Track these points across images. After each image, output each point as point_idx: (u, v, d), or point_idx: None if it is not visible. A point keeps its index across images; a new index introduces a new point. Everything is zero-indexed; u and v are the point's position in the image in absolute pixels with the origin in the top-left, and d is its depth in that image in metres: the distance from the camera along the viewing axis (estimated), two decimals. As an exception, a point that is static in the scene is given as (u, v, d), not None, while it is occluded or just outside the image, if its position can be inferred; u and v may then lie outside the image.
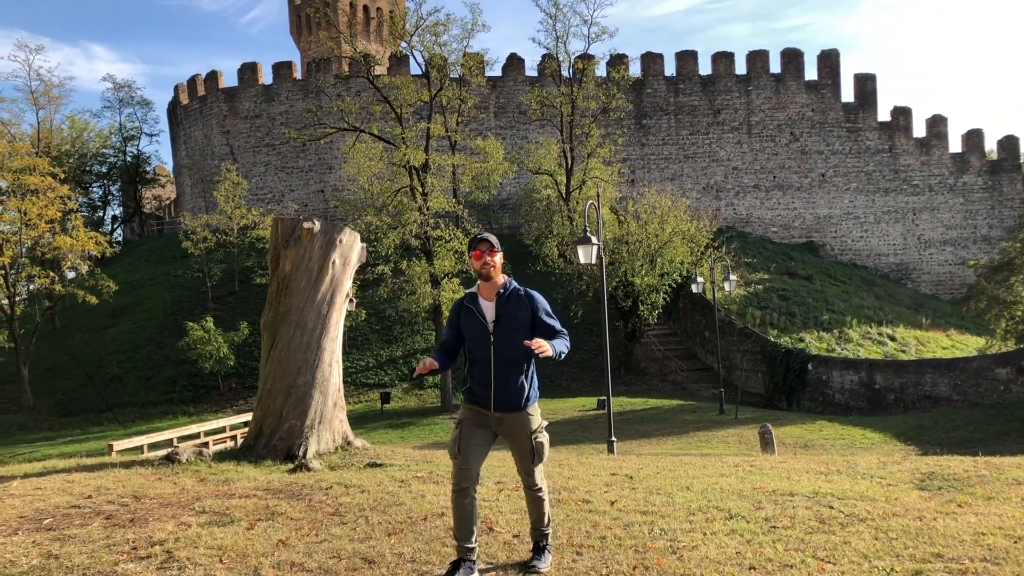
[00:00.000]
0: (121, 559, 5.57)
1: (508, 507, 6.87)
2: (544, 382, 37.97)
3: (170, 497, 7.86)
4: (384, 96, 36.99)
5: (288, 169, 56.82)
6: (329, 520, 6.54)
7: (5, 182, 44.21)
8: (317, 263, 10.54)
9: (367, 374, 39.44)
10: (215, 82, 58.79)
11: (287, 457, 10.12)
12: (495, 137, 47.00)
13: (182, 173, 63.52)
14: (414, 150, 34.82)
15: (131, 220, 70.74)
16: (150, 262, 56.06)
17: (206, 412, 36.18)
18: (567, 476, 8.72)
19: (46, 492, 8.44)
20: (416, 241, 35.34)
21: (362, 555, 5.45)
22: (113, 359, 43.35)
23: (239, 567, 5.30)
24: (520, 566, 5.20)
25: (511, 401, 4.90)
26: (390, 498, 7.31)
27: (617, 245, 38.14)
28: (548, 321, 4.99)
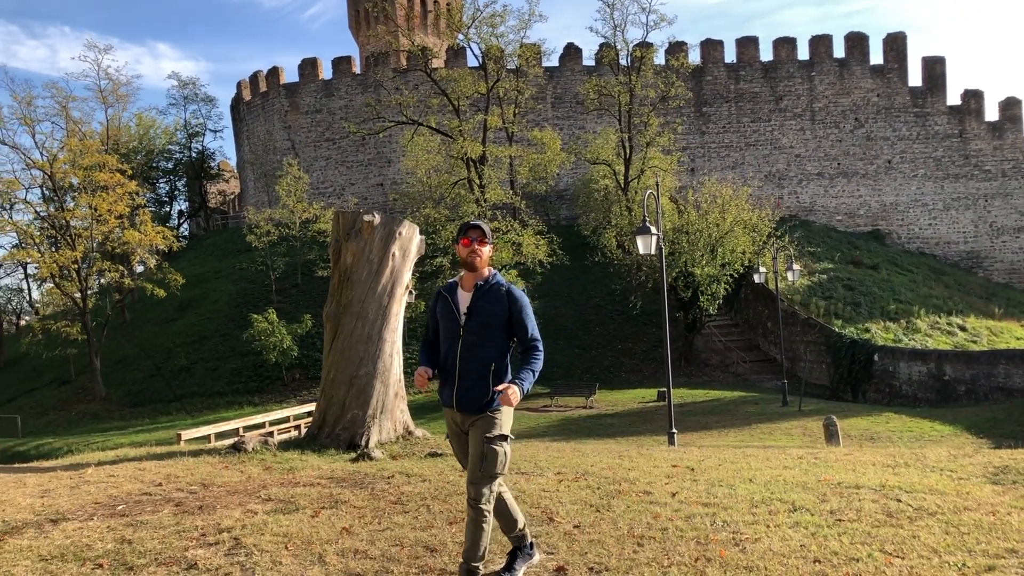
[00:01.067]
0: (190, 545, 5.72)
1: (568, 498, 6.86)
2: (604, 373, 37.94)
3: (237, 485, 8.04)
4: (441, 89, 37.19)
5: (348, 163, 57.48)
6: (391, 509, 6.61)
7: (77, 179, 45.62)
8: (377, 255, 10.65)
9: (426, 365, 39.69)
10: (276, 78, 59.73)
11: (350, 446, 10.27)
12: (552, 128, 46.91)
13: (245, 168, 64.77)
14: (471, 142, 34.96)
15: (197, 215, 72.39)
16: (215, 256, 57.30)
17: (271, 402, 36.89)
18: (627, 468, 8.67)
19: (119, 479, 8.70)
20: (474, 233, 35.46)
21: (424, 543, 5.50)
22: (181, 351, 44.48)
23: (304, 554, 5.39)
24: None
25: (473, 400, 4.51)
26: (451, 487, 7.36)
27: (677, 235, 37.74)
28: (525, 322, 4.61)
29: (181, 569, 5.17)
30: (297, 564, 5.17)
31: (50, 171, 45.16)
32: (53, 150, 46.91)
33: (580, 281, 45.90)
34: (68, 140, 46.87)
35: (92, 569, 5.25)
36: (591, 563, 5.02)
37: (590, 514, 6.26)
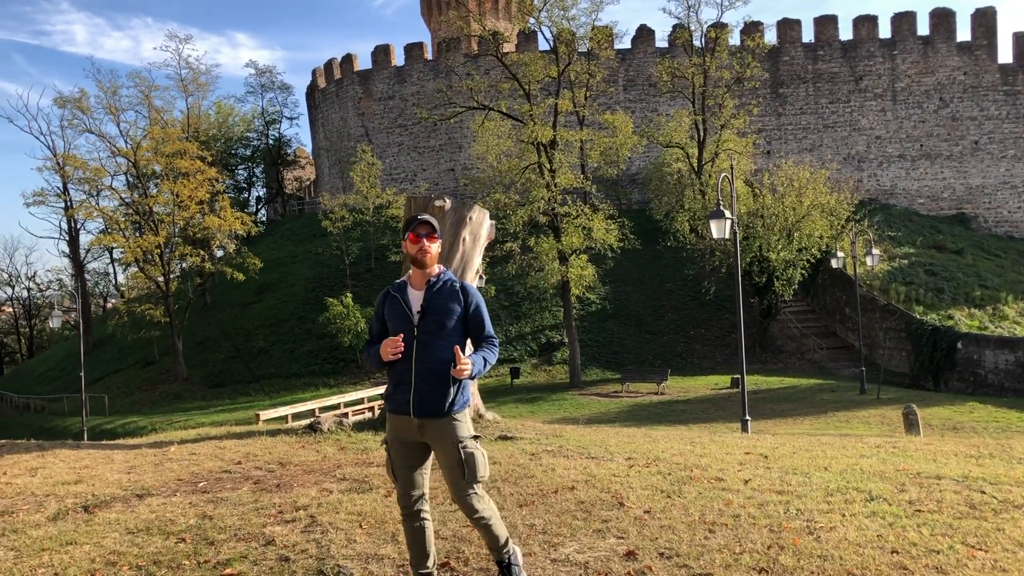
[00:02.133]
0: (268, 522, 5.88)
1: (639, 483, 6.83)
2: (676, 360, 37.59)
3: (313, 464, 8.23)
4: (512, 73, 37.10)
5: (420, 149, 57.95)
6: (462, 490, 6.67)
7: (159, 166, 47.05)
8: (448, 240, 10.72)
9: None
10: (350, 65, 60.47)
11: (421, 429, 10.38)
12: (624, 111, 46.41)
13: (320, 155, 65.86)
14: (542, 126, 34.83)
15: (274, 201, 73.94)
16: (292, 241, 58.52)
17: (345, 384, 37.60)
18: (699, 454, 8.59)
19: (200, 457, 9.00)
20: (544, 218, 35.43)
21: (494, 525, 5.54)
22: (259, 333, 45.63)
23: (377, 532, 5.49)
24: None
25: (433, 404, 4.18)
26: (521, 470, 7.40)
27: (752, 219, 37.09)
28: (481, 318, 4.34)
29: (259, 545, 5.32)
30: (371, 542, 5.27)
31: (134, 159, 46.69)
32: (137, 138, 48.46)
33: (652, 266, 45.51)
34: (151, 128, 48.38)
35: (175, 543, 5.44)
36: (661, 548, 5.00)
37: (661, 500, 6.23)
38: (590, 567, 4.69)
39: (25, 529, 5.91)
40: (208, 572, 4.82)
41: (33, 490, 7.39)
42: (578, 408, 29.30)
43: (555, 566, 4.71)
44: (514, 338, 40.68)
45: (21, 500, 6.97)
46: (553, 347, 39.62)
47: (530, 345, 40.18)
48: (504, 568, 4.40)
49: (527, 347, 40.04)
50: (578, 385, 34.17)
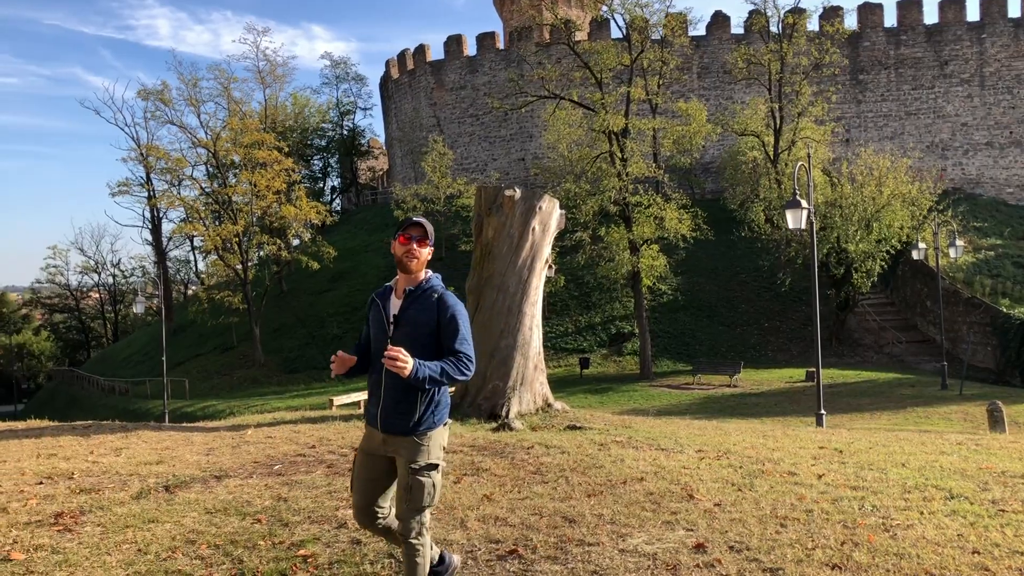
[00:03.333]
0: (341, 505, 6.00)
1: (709, 476, 6.75)
2: (749, 352, 37.00)
3: (384, 450, 8.35)
4: (584, 62, 36.88)
5: (491, 139, 58.10)
6: (531, 478, 6.71)
7: (238, 156, 48.20)
8: (518, 229, 10.75)
9: (566, 339, 39.93)
10: (423, 56, 60.92)
11: (491, 416, 10.48)
12: (698, 99, 45.78)
13: (393, 145, 66.59)
14: (614, 115, 34.55)
15: (348, 190, 75.10)
16: (365, 230, 59.38)
17: (416, 373, 38.00)
18: (771, 448, 8.45)
19: (276, 441, 9.23)
20: (615, 207, 35.16)
21: (562, 514, 5.55)
22: (333, 320, 46.47)
23: (447, 518, 5.55)
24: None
25: (398, 422, 3.92)
26: (589, 460, 7.39)
27: (829, 209, 36.19)
28: (453, 332, 3.93)
29: (332, 528, 5.43)
30: (440, 528, 5.33)
31: (213, 149, 47.94)
32: (216, 129, 49.75)
33: (726, 257, 44.83)
34: (230, 120, 49.57)
35: (251, 523, 5.59)
36: (731, 541, 4.93)
37: (731, 493, 6.15)
38: (658, 558, 4.66)
39: (110, 507, 6.15)
40: (283, 553, 4.94)
41: (118, 469, 7.68)
42: (648, 399, 29.09)
43: (623, 556, 4.69)
44: (583, 328, 40.56)
45: (107, 479, 7.25)
46: (623, 338, 39.38)
47: (600, 335, 40.02)
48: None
49: (597, 337, 39.89)
50: (649, 376, 33.91)
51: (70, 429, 11.40)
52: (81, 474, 7.49)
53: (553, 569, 4.54)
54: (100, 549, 5.09)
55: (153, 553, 5.00)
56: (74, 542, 5.26)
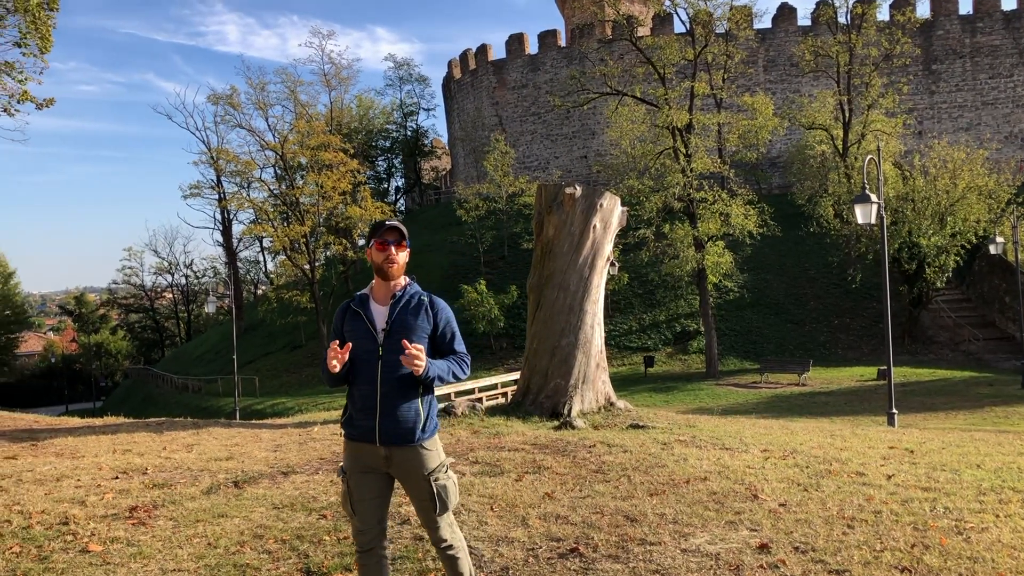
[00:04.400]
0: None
1: (774, 475, 6.64)
2: (818, 350, 36.26)
3: (447, 446, 8.42)
4: (647, 57, 36.56)
5: (553, 136, 58.03)
6: (592, 477, 6.68)
7: (305, 158, 49.07)
8: (579, 227, 10.72)
9: (630, 337, 39.67)
10: (485, 55, 61.16)
11: (552, 414, 10.47)
12: (764, 92, 44.97)
13: (455, 145, 66.99)
14: (677, 110, 34.18)
15: (412, 190, 75.82)
16: (429, 229, 59.89)
17: (479, 369, 38.21)
18: (839, 447, 8.27)
19: (341, 439, 9.36)
20: (679, 204, 34.79)
21: (624, 513, 5.53)
22: (397, 319, 46.92)
23: (508, 516, 5.57)
24: None
25: (400, 432, 3.74)
26: (652, 459, 7.34)
27: (901, 203, 35.24)
28: (450, 336, 3.91)
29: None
30: (502, 525, 5.35)
31: (281, 152, 48.86)
32: (283, 132, 50.69)
33: (793, 253, 44.02)
34: (296, 122, 50.48)
35: (317, 519, 5.70)
36: (797, 542, 4.84)
37: (797, 493, 6.04)
38: (721, 558, 4.60)
39: (182, 501, 6.33)
40: (347, 548, 5.01)
41: (189, 465, 7.90)
42: (714, 398, 28.74)
43: (685, 556, 4.64)
44: (648, 326, 40.25)
45: (179, 474, 7.47)
46: (688, 336, 38.96)
47: (664, 334, 39.66)
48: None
49: (661, 336, 39.54)
50: (714, 375, 33.49)
51: (144, 426, 11.77)
52: (154, 469, 7.73)
53: (614, 568, 4.52)
54: (172, 542, 5.25)
55: (222, 547, 5.13)
56: (148, 535, 5.43)
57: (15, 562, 5.08)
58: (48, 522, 5.93)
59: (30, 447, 9.64)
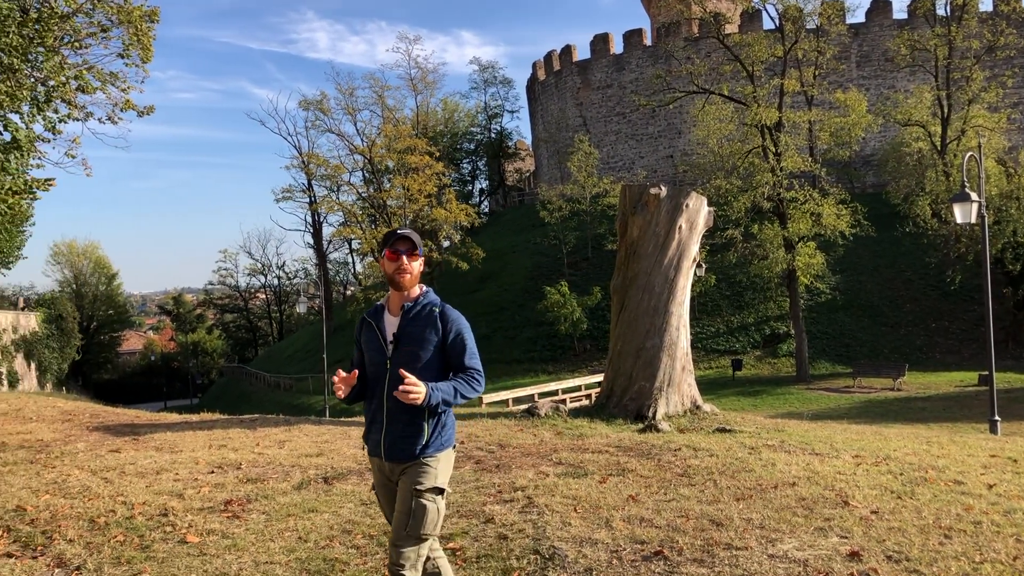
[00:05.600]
0: (488, 500, 6.13)
1: (866, 482, 6.45)
2: (914, 354, 35.03)
3: (530, 447, 8.46)
4: (735, 55, 35.94)
5: (638, 136, 57.59)
6: (677, 480, 6.62)
7: (392, 162, 49.96)
8: (664, 228, 10.62)
9: (717, 340, 39.05)
10: (569, 56, 61.11)
11: (637, 417, 10.41)
12: (857, 88, 43.75)
13: (539, 146, 67.12)
14: (766, 108, 33.49)
15: (495, 192, 76.32)
16: (512, 231, 60.16)
17: (563, 371, 38.21)
18: (936, 455, 7.99)
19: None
20: (768, 203, 34.08)
21: (710, 517, 5.46)
22: (481, 319, 47.30)
23: (592, 517, 5.57)
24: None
25: (401, 447, 3.60)
26: (739, 464, 7.22)
27: (1004, 201, 33.76)
28: (461, 345, 3.71)
29: (480, 522, 5.55)
30: (585, 526, 5.35)
31: (369, 155, 49.90)
32: (371, 136, 51.75)
33: (888, 254, 42.61)
34: (384, 126, 51.44)
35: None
36: (889, 551, 4.70)
37: (890, 500, 5.86)
38: (810, 565, 4.50)
39: (274, 496, 6.54)
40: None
41: (281, 460, 8.15)
42: (804, 403, 28.05)
43: (772, 562, 4.56)
44: (736, 329, 39.55)
45: (271, 469, 7.71)
46: (778, 339, 38.12)
47: (753, 336, 38.90)
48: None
49: (750, 338, 38.80)
50: (805, 379, 32.67)
51: (239, 422, 12.18)
52: (248, 464, 8.00)
53: (699, 572, 4.47)
54: (264, 535, 5.43)
55: (312, 541, 5.28)
56: (241, 528, 5.62)
57: (119, 550, 5.33)
58: (149, 513, 6.20)
59: (132, 441, 10.09)
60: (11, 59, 15.16)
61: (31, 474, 8.04)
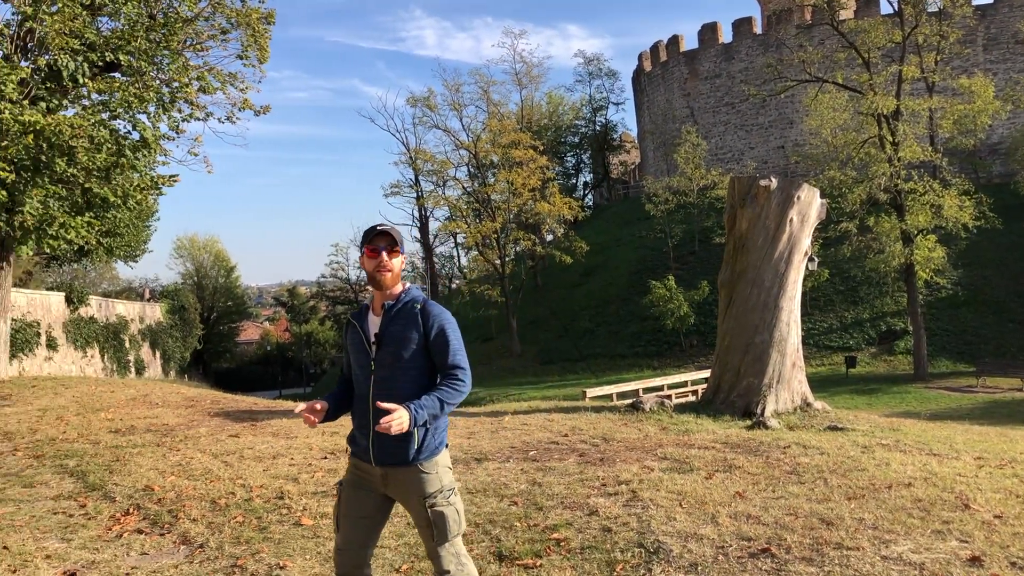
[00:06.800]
0: (592, 493, 6.15)
1: (989, 485, 6.18)
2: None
3: (635, 442, 8.44)
4: (850, 42, 34.69)
5: (747, 127, 56.30)
6: (786, 478, 6.49)
7: (496, 156, 50.39)
8: (774, 221, 10.39)
9: (830, 336, 37.86)
10: (676, 46, 60.25)
11: (745, 413, 10.24)
12: (983, 73, 41.50)
13: (645, 138, 66.43)
14: (883, 96, 32.21)
15: (600, 185, 75.91)
16: (616, 224, 59.79)
17: (669, 367, 37.77)
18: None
19: (531, 428, 9.60)
20: (885, 195, 32.79)
21: (819, 515, 5.34)
22: (585, 314, 47.28)
23: (697, 513, 5.52)
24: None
25: (394, 451, 3.44)
26: (851, 462, 7.02)
27: None
28: (443, 343, 3.54)
29: (584, 514, 5.58)
30: (690, 521, 5.32)
31: (474, 150, 50.42)
32: (476, 131, 52.30)
33: (1017, 247, 40.36)
34: (489, 121, 51.90)
35: (508, 505, 5.89)
36: (1014, 557, 4.49)
37: (1015, 505, 5.59)
38: (926, 568, 4.35)
39: (384, 481, 6.72)
40: (537, 535, 5.15)
41: (391, 447, 8.35)
42: (922, 402, 26.93)
43: (886, 564, 4.43)
44: (850, 325, 38.26)
45: (381, 455, 7.92)
46: (895, 335, 36.68)
47: (868, 333, 37.55)
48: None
49: (864, 335, 37.46)
50: (923, 377, 31.34)
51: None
52: (359, 450, 8.24)
53: (808, 571, 4.38)
54: (377, 521, 5.60)
55: (421, 526, 5.41)
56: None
57: (238, 530, 5.61)
58: (266, 496, 6.50)
59: (250, 427, 10.56)
60: (139, 63, 16.03)
61: (158, 456, 8.53)
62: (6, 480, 7.71)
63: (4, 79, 13.28)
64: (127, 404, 13.61)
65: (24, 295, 25.78)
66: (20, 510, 6.51)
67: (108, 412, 12.42)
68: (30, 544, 5.53)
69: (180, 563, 5.07)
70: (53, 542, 5.61)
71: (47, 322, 26.97)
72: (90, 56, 15.24)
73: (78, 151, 14.51)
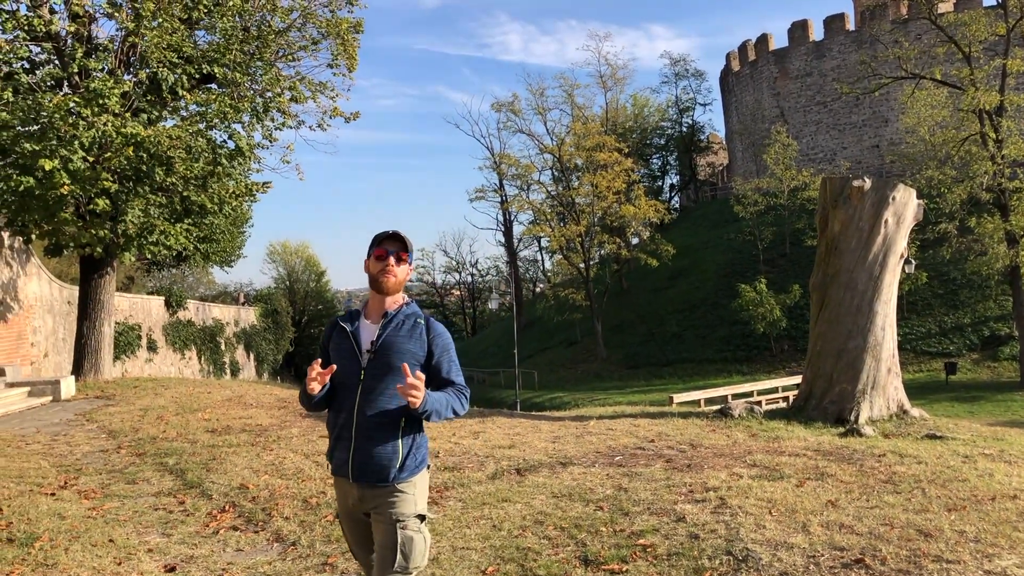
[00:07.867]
0: (679, 499, 6.08)
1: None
2: None
3: (723, 448, 8.31)
4: (949, 36, 33.44)
5: (840, 126, 54.80)
6: (881, 487, 6.30)
7: (580, 159, 50.34)
8: (868, 222, 10.11)
9: (928, 341, 36.52)
10: (765, 45, 59.10)
11: (837, 420, 9.98)
12: (1095, 65, 39.37)
13: (733, 139, 65.33)
14: (985, 92, 30.93)
15: (686, 187, 74.99)
16: (704, 226, 58.95)
17: (758, 372, 37.05)
18: None
19: (616, 433, 9.55)
20: (987, 195, 31.48)
21: (916, 526, 5.16)
22: (672, 318, 46.73)
23: (788, 521, 5.40)
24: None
25: (372, 469, 3.24)
26: (951, 472, 6.76)
27: None
28: (447, 365, 3.39)
29: (671, 520, 5.53)
30: (780, 530, 5.21)
31: (558, 154, 50.51)
32: (560, 135, 52.34)
33: None
34: (573, 125, 51.92)
35: (594, 510, 5.87)
36: None
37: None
38: (1033, 586, 4.16)
39: (470, 484, 6.81)
40: (623, 540, 5.13)
41: (476, 451, 8.45)
42: (1029, 411, 25.76)
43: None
44: (949, 329, 36.84)
45: (467, 459, 8.02)
46: (999, 341, 35.15)
47: (969, 338, 36.07)
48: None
49: (966, 340, 36.01)
50: (1030, 385, 29.99)
51: (437, 412, 12.69)
52: (445, 453, 8.36)
53: (905, 584, 4.24)
54: (461, 522, 5.67)
55: (506, 530, 5.45)
56: (439, 514, 5.90)
57: (329, 529, 5.81)
58: (357, 494, 6.62)
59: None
60: (234, 74, 16.61)
61: (252, 455, 8.80)
62: (111, 476, 8.09)
63: (108, 93, 13.93)
64: (223, 404, 14.09)
65: (126, 299, 26.98)
66: (124, 505, 6.82)
67: (205, 412, 12.88)
68: (134, 538, 5.79)
69: (273, 560, 5.23)
70: (154, 537, 5.86)
71: (148, 325, 28.16)
72: (188, 69, 15.89)
73: (176, 161, 15.13)
